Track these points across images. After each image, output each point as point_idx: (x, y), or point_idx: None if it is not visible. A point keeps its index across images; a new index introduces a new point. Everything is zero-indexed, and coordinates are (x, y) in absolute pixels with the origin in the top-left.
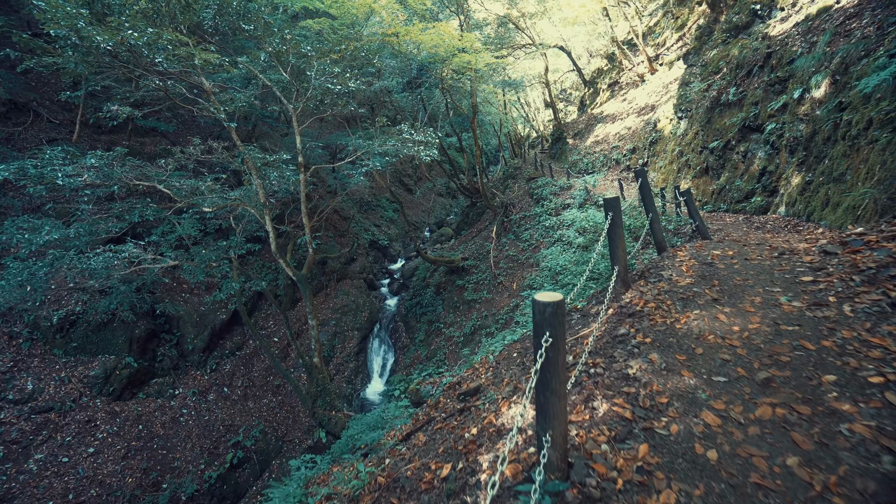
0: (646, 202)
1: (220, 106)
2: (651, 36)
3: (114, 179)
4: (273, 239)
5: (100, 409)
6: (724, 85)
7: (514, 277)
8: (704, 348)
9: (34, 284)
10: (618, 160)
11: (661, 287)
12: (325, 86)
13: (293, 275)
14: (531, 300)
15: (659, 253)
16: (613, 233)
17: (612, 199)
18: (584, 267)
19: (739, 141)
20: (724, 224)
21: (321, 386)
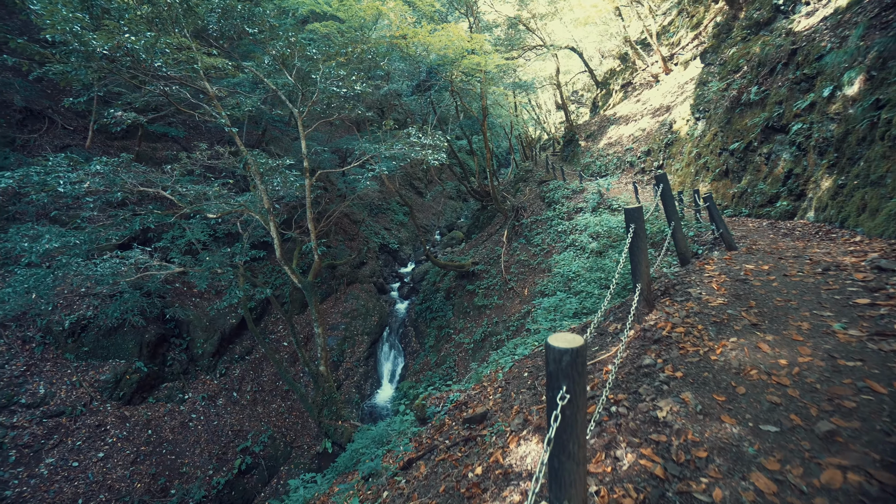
0: (667, 210)
1: (222, 111)
2: (665, 35)
3: (118, 186)
4: (278, 245)
5: (110, 414)
6: (745, 84)
7: (526, 283)
8: (747, 387)
9: (40, 292)
10: (632, 162)
11: (689, 308)
12: (330, 89)
13: (298, 282)
14: (544, 344)
15: (682, 264)
16: (636, 246)
17: (634, 210)
18: (597, 274)
19: (762, 142)
20: (748, 230)
21: (327, 395)
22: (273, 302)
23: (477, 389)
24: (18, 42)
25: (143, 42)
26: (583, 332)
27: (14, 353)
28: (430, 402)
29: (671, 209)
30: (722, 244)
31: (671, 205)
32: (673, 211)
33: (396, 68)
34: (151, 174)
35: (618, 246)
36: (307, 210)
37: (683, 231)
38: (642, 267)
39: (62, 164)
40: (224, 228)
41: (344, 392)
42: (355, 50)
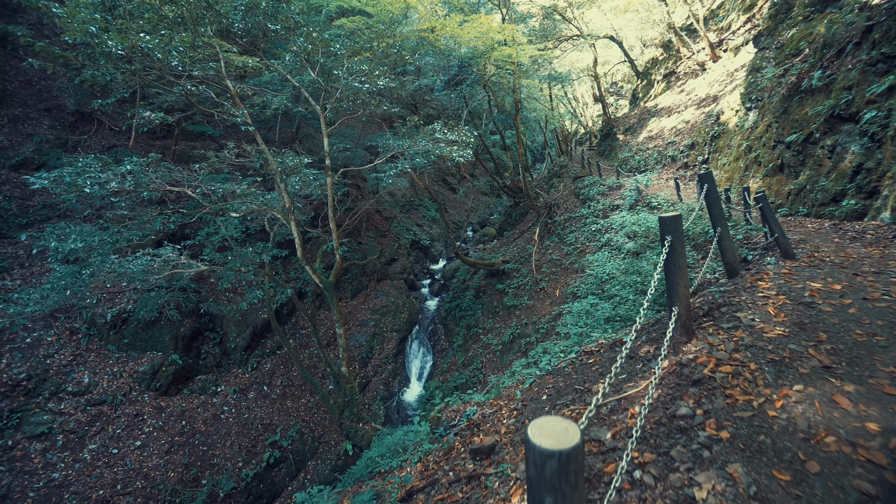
0: (713, 214)
1: (243, 108)
2: (713, 20)
3: (145, 185)
4: (299, 244)
5: (147, 404)
6: (806, 68)
7: (558, 283)
8: (822, 462)
9: (75, 289)
10: (674, 157)
11: (739, 338)
12: (352, 85)
13: (319, 282)
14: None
15: (730, 276)
16: (673, 263)
17: (671, 220)
18: (633, 277)
19: (826, 133)
20: (807, 233)
21: (349, 396)
22: (296, 301)
23: (493, 407)
24: (40, 45)
25: (157, 41)
26: (611, 353)
27: (63, 344)
28: (447, 416)
29: (717, 212)
30: (777, 250)
31: (717, 207)
32: (719, 214)
33: (427, 63)
34: (178, 173)
35: (655, 247)
36: (329, 209)
37: (731, 234)
38: (680, 287)
39: (92, 165)
40: (256, 225)
41: (372, 389)
42: (380, 44)
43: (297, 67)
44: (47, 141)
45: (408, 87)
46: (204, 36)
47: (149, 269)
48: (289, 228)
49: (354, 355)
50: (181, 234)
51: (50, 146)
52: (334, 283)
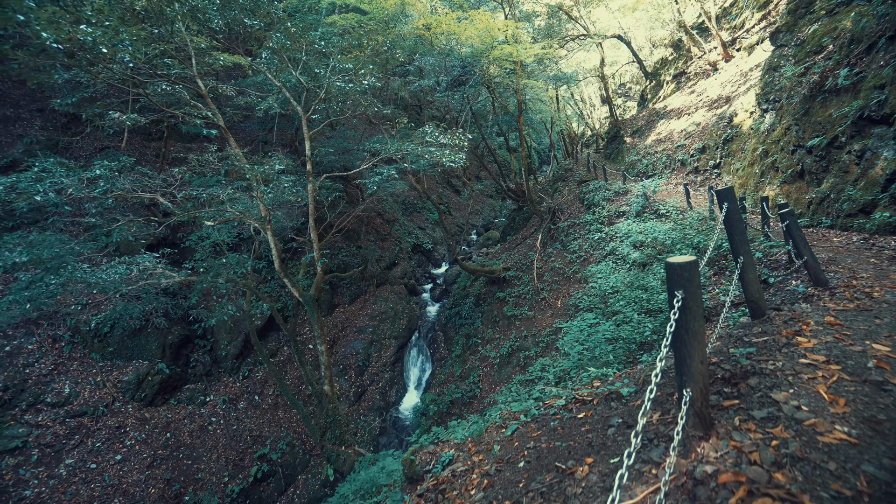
0: (734, 239)
1: (214, 109)
2: (726, 18)
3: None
4: (276, 256)
5: (130, 416)
6: (831, 66)
7: (559, 294)
8: None
9: (39, 302)
10: (683, 161)
11: (778, 441)
12: (335, 85)
13: (299, 295)
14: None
15: (754, 317)
16: (685, 329)
17: (683, 268)
18: (638, 292)
19: (853, 137)
20: (834, 249)
21: (331, 417)
22: (275, 315)
23: (466, 463)
24: None
25: (99, 34)
26: (605, 409)
27: (44, 352)
28: (421, 459)
29: (740, 237)
30: (805, 274)
31: (740, 230)
32: (742, 240)
33: (426, 63)
34: (154, 178)
35: (663, 258)
36: (309, 217)
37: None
38: (694, 363)
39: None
40: (249, 230)
41: (367, 398)
42: (369, 42)
43: (276, 66)
44: (38, 142)
45: (409, 87)
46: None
47: (122, 280)
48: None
49: (351, 363)
50: (173, 238)
51: (40, 147)
52: (315, 296)
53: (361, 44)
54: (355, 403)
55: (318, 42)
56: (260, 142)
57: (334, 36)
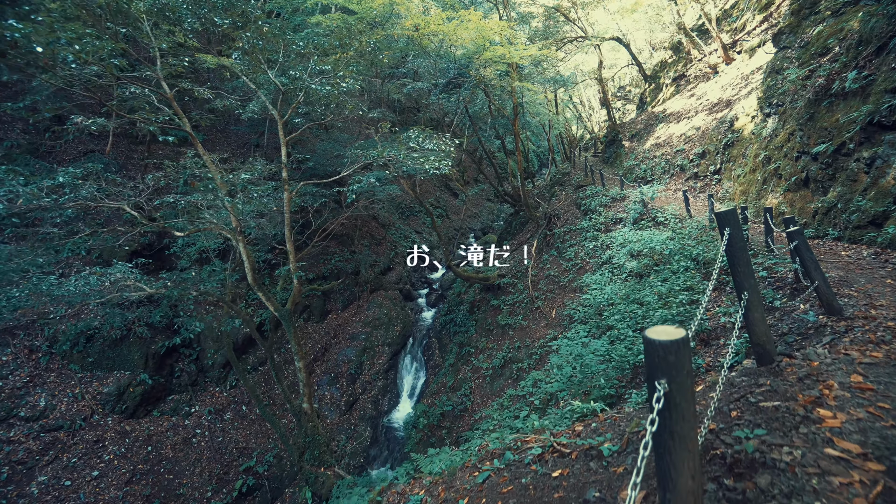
0: (737, 271)
1: (182, 115)
2: (727, 20)
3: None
4: (249, 268)
5: (110, 429)
6: (838, 69)
7: (554, 303)
8: None
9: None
10: (682, 166)
11: None
12: (310, 87)
13: (274, 309)
14: None
15: (760, 363)
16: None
17: (668, 348)
18: (633, 307)
19: (862, 143)
20: (844, 265)
21: (310, 436)
22: (252, 332)
23: None
24: None
25: (30, 30)
26: (583, 466)
27: (20, 363)
28: (390, 497)
29: (744, 269)
30: (814, 296)
31: (744, 262)
32: (747, 272)
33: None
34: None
35: (661, 269)
36: (286, 227)
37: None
38: (682, 479)
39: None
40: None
41: (359, 407)
42: (353, 43)
43: (249, 67)
44: (18, 146)
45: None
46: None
47: (93, 291)
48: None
49: (342, 371)
50: (160, 243)
51: (21, 151)
52: (291, 311)
53: (343, 44)
54: (346, 413)
55: (296, 43)
56: (251, 145)
57: (316, 37)
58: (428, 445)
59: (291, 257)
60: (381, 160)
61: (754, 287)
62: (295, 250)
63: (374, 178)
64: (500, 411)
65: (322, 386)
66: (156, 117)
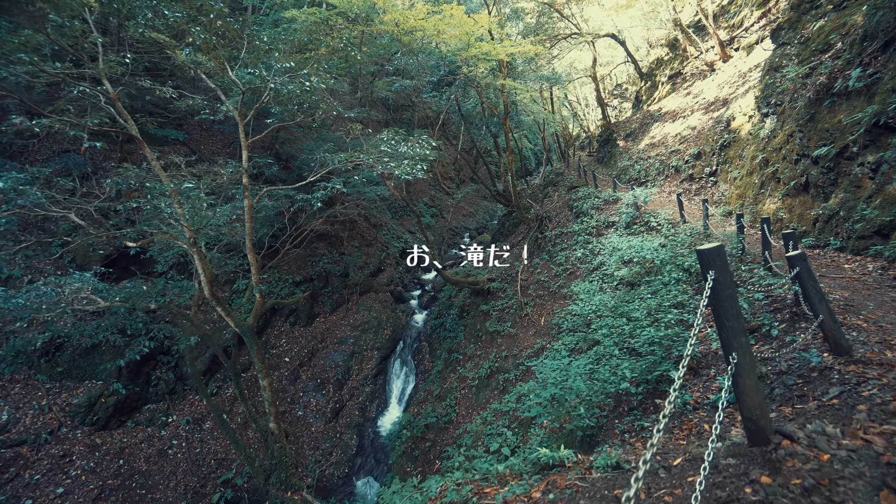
0: (724, 328)
1: (126, 115)
2: (724, 17)
3: (14, 210)
4: (206, 281)
5: (79, 442)
6: (840, 67)
7: (543, 310)
8: None
9: None
10: (677, 167)
11: None
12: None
13: (235, 324)
14: None
15: (751, 442)
16: None
17: None
18: (621, 321)
19: (866, 147)
20: (847, 281)
21: (277, 458)
22: (216, 351)
23: None
24: None
25: None
26: None
27: None
28: None
29: (733, 323)
30: (819, 335)
31: (732, 313)
32: (737, 329)
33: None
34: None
35: (653, 280)
36: (247, 237)
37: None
38: None
39: None
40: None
41: (346, 414)
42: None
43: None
44: None
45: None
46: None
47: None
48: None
49: (329, 377)
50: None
51: None
52: (253, 326)
53: (313, 40)
54: (332, 420)
55: (260, 39)
56: (237, 146)
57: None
58: (412, 458)
59: (254, 269)
60: (350, 165)
61: (745, 348)
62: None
63: (339, 184)
64: (483, 426)
65: (308, 392)
66: (91, 119)
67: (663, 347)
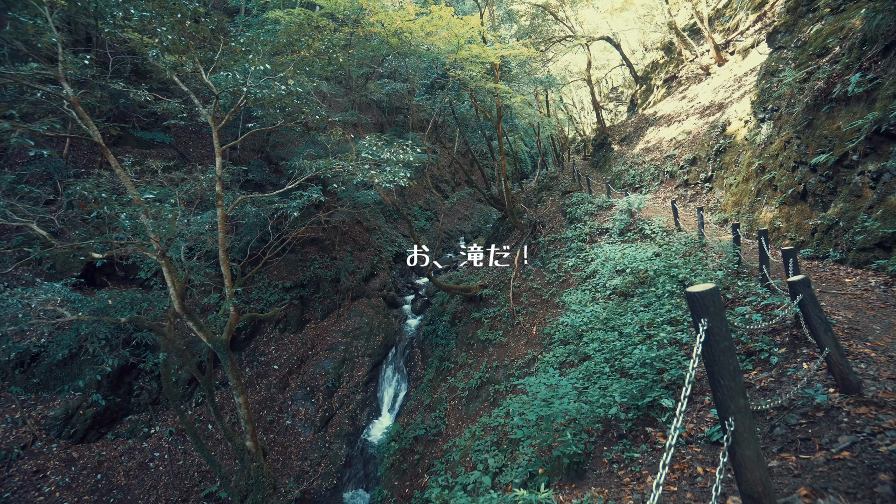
0: (719, 389)
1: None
2: (720, 20)
3: None
4: (176, 295)
5: (54, 456)
6: (839, 71)
7: (535, 319)
8: None
9: None
10: (672, 173)
11: None
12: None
13: (207, 340)
14: None
15: None
16: None
17: None
18: (613, 335)
19: (867, 154)
20: (849, 299)
21: (254, 478)
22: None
23: None
24: None
25: None
26: None
27: None
28: None
29: (730, 382)
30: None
31: (728, 370)
32: (734, 390)
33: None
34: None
35: (646, 291)
36: (220, 247)
37: (738, 315)
38: None
39: None
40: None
41: (335, 423)
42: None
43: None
44: None
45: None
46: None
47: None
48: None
49: (319, 385)
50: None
51: None
52: (227, 341)
53: (293, 42)
54: (321, 429)
55: (237, 40)
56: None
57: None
58: (399, 472)
59: (227, 281)
60: (330, 172)
61: (744, 412)
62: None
63: (315, 192)
64: (472, 441)
65: (297, 401)
66: (40, 125)
67: (654, 370)
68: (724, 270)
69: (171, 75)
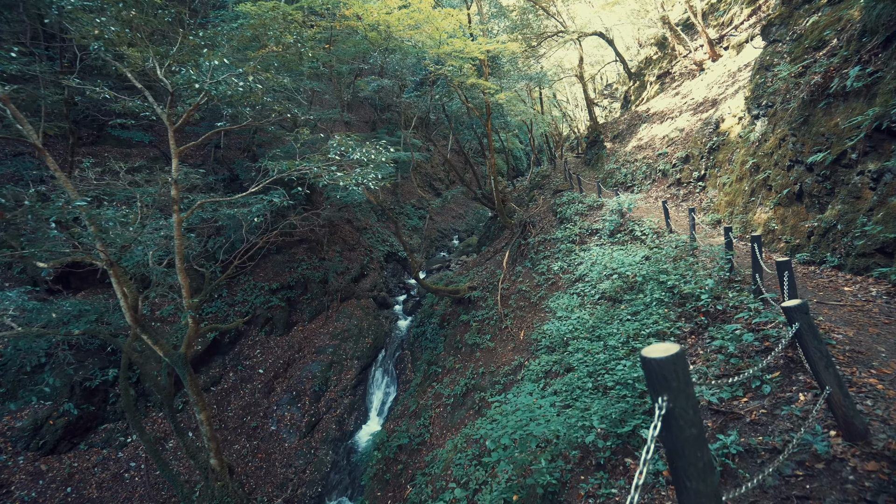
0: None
1: (21, 118)
2: (713, 14)
3: None
4: (127, 307)
5: (20, 470)
6: (836, 65)
7: (523, 323)
8: None
9: None
10: (665, 171)
11: None
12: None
13: (164, 354)
14: None
15: None
16: None
17: None
18: (598, 345)
19: (867, 153)
20: (849, 312)
21: (218, 498)
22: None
23: None
24: None
25: None
26: None
27: None
28: None
29: (696, 485)
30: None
31: (695, 469)
32: (706, 494)
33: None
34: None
35: (634, 298)
36: (176, 257)
37: (728, 332)
38: None
39: None
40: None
41: (322, 428)
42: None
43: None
44: None
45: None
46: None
47: None
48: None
49: (305, 389)
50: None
51: None
52: (186, 355)
53: (258, 36)
54: (307, 435)
55: (195, 34)
56: (212, 146)
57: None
58: (383, 482)
59: (185, 291)
60: (293, 175)
61: None
62: (186, 284)
63: (276, 197)
64: (454, 453)
65: (282, 405)
66: None
67: (636, 392)
68: (714, 279)
69: (124, 71)
